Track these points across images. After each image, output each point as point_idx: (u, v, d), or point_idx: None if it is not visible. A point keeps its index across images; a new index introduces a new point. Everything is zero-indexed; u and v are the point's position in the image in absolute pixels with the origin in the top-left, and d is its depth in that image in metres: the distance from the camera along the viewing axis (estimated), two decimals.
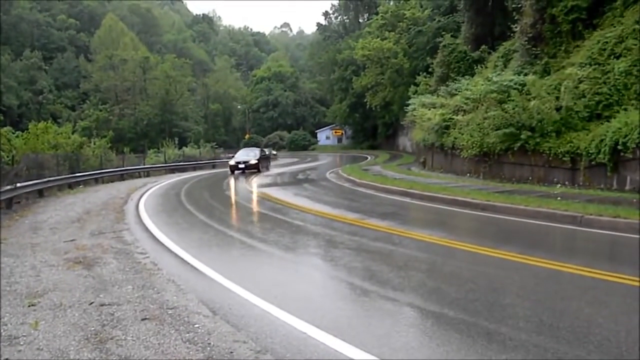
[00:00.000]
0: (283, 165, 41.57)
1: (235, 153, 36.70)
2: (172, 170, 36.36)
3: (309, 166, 38.39)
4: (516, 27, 21.94)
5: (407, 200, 14.60)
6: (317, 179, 24.49)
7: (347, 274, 6.60)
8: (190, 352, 4.20)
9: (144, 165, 36.58)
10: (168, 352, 4.23)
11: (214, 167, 41.78)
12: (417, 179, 19.92)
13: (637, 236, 8.22)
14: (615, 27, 16.53)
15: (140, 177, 32.08)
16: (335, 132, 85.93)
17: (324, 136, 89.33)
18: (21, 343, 4.59)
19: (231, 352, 4.16)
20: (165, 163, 38.89)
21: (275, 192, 18.05)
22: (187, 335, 4.58)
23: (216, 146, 55.95)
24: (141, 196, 17.91)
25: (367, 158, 46.69)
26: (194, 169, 39.01)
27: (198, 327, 4.76)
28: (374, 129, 68.93)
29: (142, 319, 5.04)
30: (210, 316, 5.06)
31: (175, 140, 52.97)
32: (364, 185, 19.01)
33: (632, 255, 7.48)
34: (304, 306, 5.30)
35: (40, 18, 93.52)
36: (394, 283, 6.07)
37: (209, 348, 4.27)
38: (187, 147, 50.95)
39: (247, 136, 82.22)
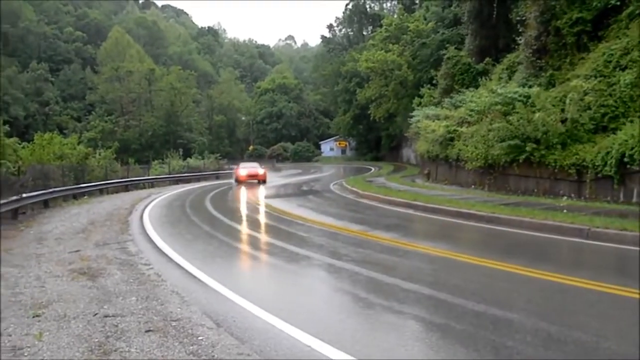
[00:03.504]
0: (287, 176, 41.60)
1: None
2: (177, 181, 36.42)
3: (312, 177, 38.42)
4: (520, 40, 21.99)
5: (411, 212, 14.57)
6: (321, 190, 24.49)
7: (352, 286, 6.57)
8: None
9: (149, 176, 36.64)
10: None
11: (217, 178, 41.82)
12: (421, 190, 19.89)
13: None
14: (620, 39, 16.54)
15: (144, 188, 32.10)
16: (339, 144, 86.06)
17: (328, 147, 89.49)
18: (25, 354, 4.56)
19: None
20: (170, 174, 38.96)
21: (279, 204, 18.04)
22: (191, 347, 4.55)
23: (220, 157, 56.04)
24: (145, 207, 17.92)
25: (370, 170, 46.67)
26: (198, 180, 39.06)
27: (202, 340, 4.72)
28: (378, 141, 69.02)
29: (146, 331, 5.00)
30: (214, 328, 5.03)
31: (179, 152, 53.12)
32: (367, 197, 18.98)
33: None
34: (308, 319, 5.27)
35: (48, 30, 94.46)
36: (399, 296, 6.03)
37: None
38: (191, 158, 51.05)
39: (250, 147, 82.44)
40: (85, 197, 23.29)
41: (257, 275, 7.79)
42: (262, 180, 31.63)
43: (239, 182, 31.81)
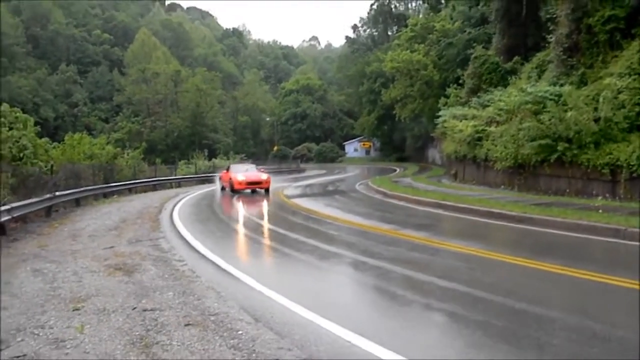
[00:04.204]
0: (312, 177, 41.63)
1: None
2: (203, 181, 36.67)
3: (337, 178, 38.39)
4: (551, 38, 21.61)
5: (441, 212, 14.43)
6: (347, 190, 24.45)
7: (387, 284, 6.53)
8: (236, 358, 4.18)
9: (176, 176, 37.06)
10: (214, 357, 4.22)
11: None
12: (449, 191, 19.71)
13: None
14: None
15: (172, 187, 32.49)
16: (363, 145, 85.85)
17: (352, 148, 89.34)
18: (68, 346, 4.64)
19: None
20: (196, 174, 39.32)
21: (306, 203, 18.06)
22: (232, 341, 4.57)
23: (245, 158, 56.36)
24: (174, 206, 18.11)
25: (395, 170, 46.46)
26: None
27: (241, 334, 4.74)
28: (403, 141, 68.69)
29: (186, 325, 5.05)
30: (252, 323, 5.05)
31: (205, 152, 53.63)
32: (395, 197, 18.87)
33: None
34: (346, 315, 5.24)
35: (76, 33, 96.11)
36: (436, 293, 5.97)
37: (254, 354, 4.25)
38: (216, 158, 51.46)
39: (275, 148, 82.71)
40: (115, 196, 23.65)
41: (290, 272, 7.79)
42: (266, 189, 23.32)
43: (233, 191, 23.24)
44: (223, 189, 25.27)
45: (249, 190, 23.60)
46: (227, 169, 25.72)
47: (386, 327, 4.96)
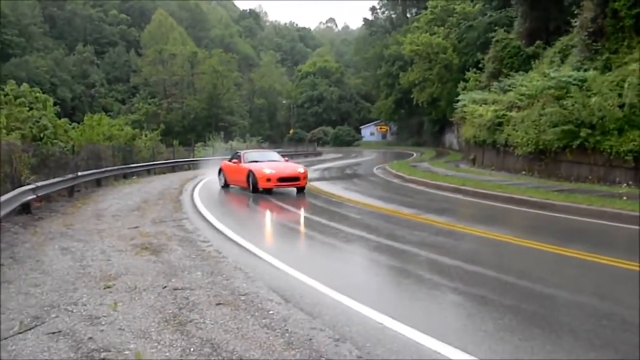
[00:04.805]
0: (329, 160, 41.61)
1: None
2: None
3: (354, 162, 38.36)
4: (575, 22, 21.22)
5: (461, 197, 14.40)
6: (365, 174, 24.44)
7: (414, 267, 6.55)
8: (270, 338, 4.24)
9: (193, 157, 37.28)
10: (248, 336, 4.28)
11: None
12: (468, 176, 19.62)
13: None
14: None
15: (189, 169, 32.68)
16: (380, 129, 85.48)
17: (368, 132, 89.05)
18: (102, 323, 4.72)
19: (310, 339, 4.18)
20: (214, 156, 39.51)
21: (325, 186, 18.08)
22: (264, 320, 4.63)
23: (262, 141, 56.48)
24: (194, 187, 18.25)
25: (412, 154, 46.26)
26: None
27: (273, 314, 4.80)
28: (420, 126, 68.22)
29: (217, 304, 5.11)
30: (282, 303, 5.10)
31: (221, 134, 53.82)
32: (414, 181, 18.84)
33: None
34: (374, 297, 5.29)
35: (93, 13, 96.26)
36: (464, 277, 5.97)
37: (287, 334, 4.30)
38: (233, 141, 51.67)
39: (291, 131, 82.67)
40: (134, 177, 23.85)
41: (316, 254, 7.85)
42: (301, 188, 16.09)
43: (255, 190, 15.31)
44: (227, 185, 17.75)
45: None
46: (236, 158, 17.47)
47: (415, 309, 4.99)
